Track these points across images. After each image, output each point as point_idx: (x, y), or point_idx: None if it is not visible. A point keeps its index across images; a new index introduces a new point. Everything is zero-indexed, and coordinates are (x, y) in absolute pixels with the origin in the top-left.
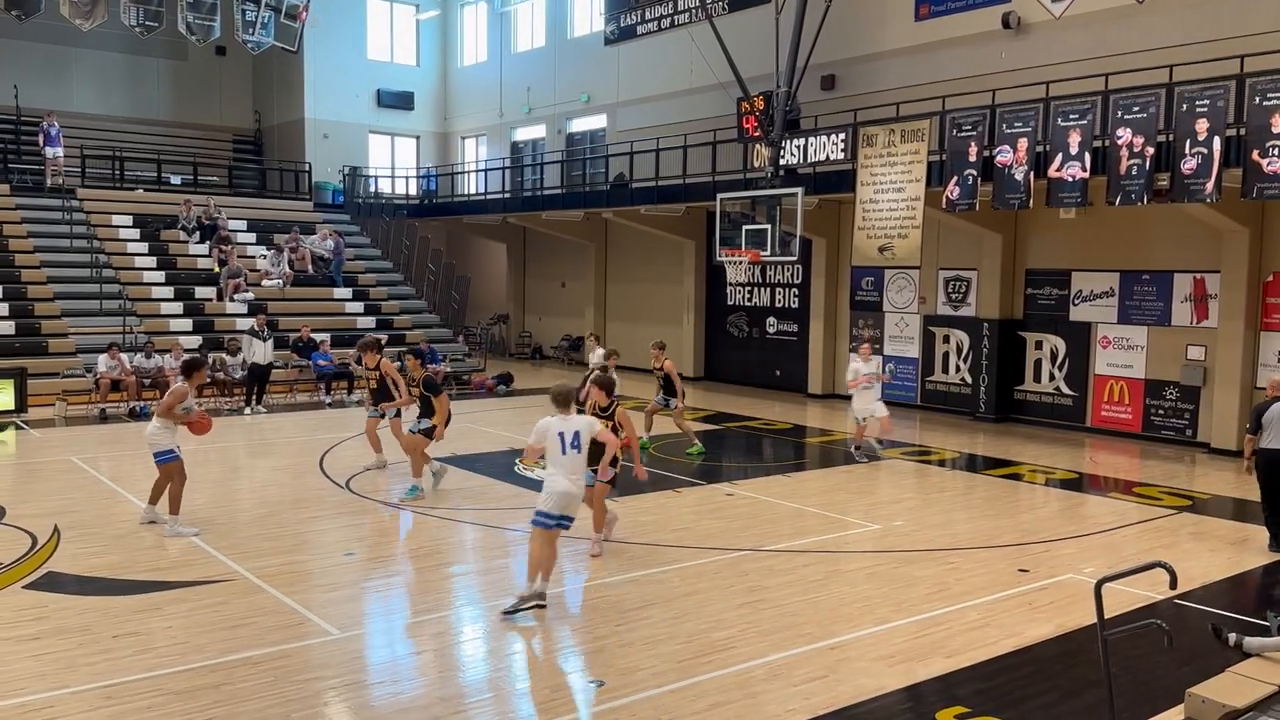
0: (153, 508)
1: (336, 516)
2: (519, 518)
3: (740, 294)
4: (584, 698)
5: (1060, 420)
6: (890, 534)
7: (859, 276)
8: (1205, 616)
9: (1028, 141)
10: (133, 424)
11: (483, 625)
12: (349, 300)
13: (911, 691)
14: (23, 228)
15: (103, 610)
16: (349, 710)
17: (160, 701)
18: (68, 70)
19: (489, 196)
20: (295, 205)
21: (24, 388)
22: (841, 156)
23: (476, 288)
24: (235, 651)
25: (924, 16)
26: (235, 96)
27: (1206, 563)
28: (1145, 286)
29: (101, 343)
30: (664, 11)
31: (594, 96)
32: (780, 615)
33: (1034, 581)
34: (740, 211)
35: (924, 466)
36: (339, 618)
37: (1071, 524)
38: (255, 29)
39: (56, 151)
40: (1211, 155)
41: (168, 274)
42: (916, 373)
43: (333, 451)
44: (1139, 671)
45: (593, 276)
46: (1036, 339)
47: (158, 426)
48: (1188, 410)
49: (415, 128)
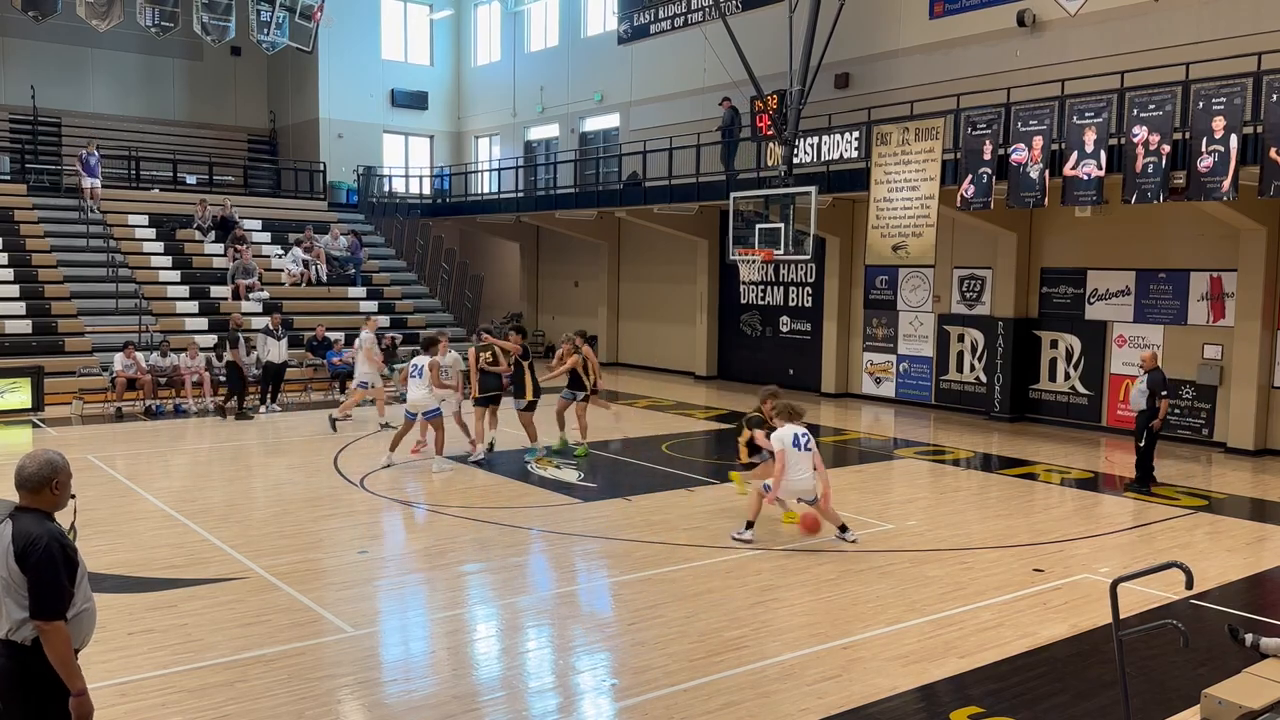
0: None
1: (350, 515)
2: (531, 516)
3: (754, 293)
4: (596, 696)
5: (1076, 419)
6: (904, 533)
7: (873, 275)
8: (1222, 617)
9: (1043, 140)
10: (148, 422)
11: (495, 623)
12: (363, 299)
13: (925, 691)
14: (39, 227)
15: (117, 608)
16: (362, 708)
17: (174, 699)
18: (84, 71)
19: (502, 196)
20: (310, 205)
21: (40, 386)
22: (855, 155)
23: (490, 287)
24: (249, 649)
25: (938, 15)
26: (250, 96)
27: (1223, 563)
28: (1161, 285)
29: (117, 341)
30: (677, 10)
31: (607, 96)
32: (793, 614)
33: (1048, 581)
34: (754, 210)
35: (938, 466)
36: (352, 615)
37: (1086, 524)
38: (270, 29)
39: (95, 182)
40: (1228, 153)
41: (183, 273)
42: (931, 372)
43: (346, 450)
44: (1154, 672)
45: (606, 276)
46: (1052, 338)
47: (425, 395)
48: (1204, 409)
49: (429, 127)
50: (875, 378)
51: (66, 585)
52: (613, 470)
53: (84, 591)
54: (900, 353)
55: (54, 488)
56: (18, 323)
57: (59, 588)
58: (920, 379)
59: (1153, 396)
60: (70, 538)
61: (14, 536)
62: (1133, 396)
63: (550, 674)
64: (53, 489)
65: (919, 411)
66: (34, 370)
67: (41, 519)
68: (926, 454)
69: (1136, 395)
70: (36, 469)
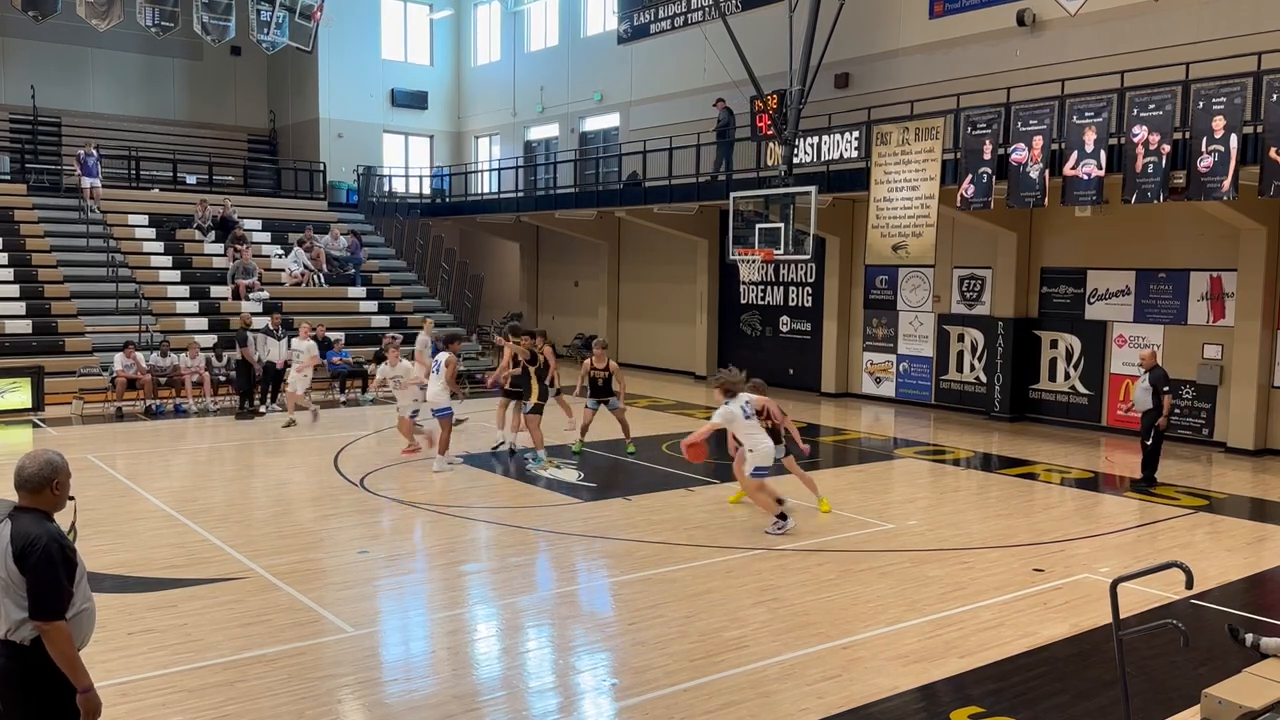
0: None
1: (350, 514)
2: (531, 516)
3: (754, 293)
4: (597, 696)
5: (1076, 419)
6: (904, 533)
7: (873, 275)
8: (1222, 617)
9: (1043, 139)
10: (148, 422)
11: (496, 623)
12: (363, 299)
13: (925, 691)
14: (39, 227)
15: (117, 608)
16: (362, 708)
17: (175, 699)
18: (84, 70)
19: (502, 195)
20: (310, 205)
21: (41, 386)
22: (855, 155)
23: (490, 287)
24: (249, 649)
25: (938, 14)
26: (250, 96)
27: (1223, 563)
28: (1161, 285)
29: (117, 341)
30: (677, 10)
31: (607, 95)
32: (793, 614)
33: (1049, 581)
34: (754, 210)
35: (938, 465)
36: (353, 615)
37: (1087, 523)
38: (270, 29)
39: (94, 182)
40: (1228, 153)
41: (183, 273)
42: (931, 372)
43: (347, 449)
44: (1154, 672)
45: (606, 276)
46: (1052, 338)
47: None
48: (1204, 409)
49: (429, 127)
50: (875, 377)
51: (66, 585)
52: (613, 470)
53: (83, 591)
54: (900, 352)
55: (54, 488)
56: (18, 323)
57: (58, 588)
58: (920, 379)
59: (1157, 394)
60: (70, 538)
61: (13, 537)
62: (1137, 396)
63: (550, 674)
64: (53, 489)
65: (919, 411)
66: (34, 370)
67: (40, 519)
68: (926, 454)
69: (1141, 394)
70: (37, 469)
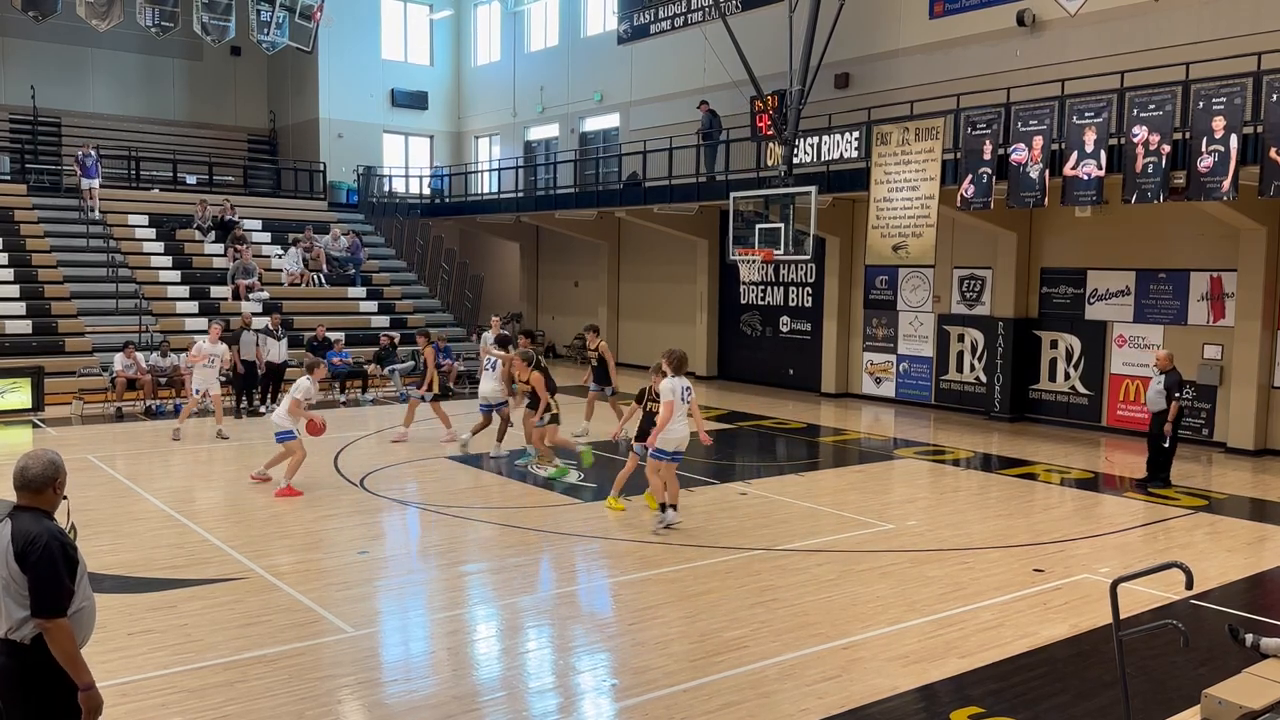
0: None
1: (350, 515)
2: (531, 516)
3: (754, 293)
4: (597, 697)
5: (1076, 419)
6: (904, 533)
7: (873, 275)
8: (1222, 617)
9: (1043, 139)
10: (148, 423)
11: (496, 623)
12: (363, 299)
13: (925, 692)
14: (39, 227)
15: (117, 608)
16: (362, 708)
17: (175, 699)
18: (84, 70)
19: (502, 196)
20: (310, 205)
21: (41, 386)
22: (855, 155)
23: (490, 287)
24: (249, 649)
25: (938, 14)
26: (250, 96)
27: (1223, 563)
28: (1161, 285)
29: (117, 341)
30: (677, 10)
31: (607, 95)
32: (793, 615)
33: (1049, 581)
34: (754, 210)
35: (938, 466)
36: (353, 616)
37: (1087, 524)
38: (270, 29)
39: (93, 182)
40: (1228, 153)
41: (183, 273)
42: (931, 372)
43: (347, 450)
44: (1154, 672)
45: (606, 276)
46: (1052, 338)
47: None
48: (1204, 409)
49: (429, 127)
50: (875, 378)
51: (67, 583)
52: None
53: (84, 589)
54: (900, 353)
55: (56, 488)
56: (18, 323)
57: (59, 585)
58: (920, 379)
59: (1170, 397)
60: (70, 536)
61: (13, 535)
62: (1150, 398)
63: (550, 674)
64: (55, 489)
65: (919, 411)
66: (34, 370)
67: (40, 517)
68: (926, 454)
69: (1154, 396)
70: (41, 470)
